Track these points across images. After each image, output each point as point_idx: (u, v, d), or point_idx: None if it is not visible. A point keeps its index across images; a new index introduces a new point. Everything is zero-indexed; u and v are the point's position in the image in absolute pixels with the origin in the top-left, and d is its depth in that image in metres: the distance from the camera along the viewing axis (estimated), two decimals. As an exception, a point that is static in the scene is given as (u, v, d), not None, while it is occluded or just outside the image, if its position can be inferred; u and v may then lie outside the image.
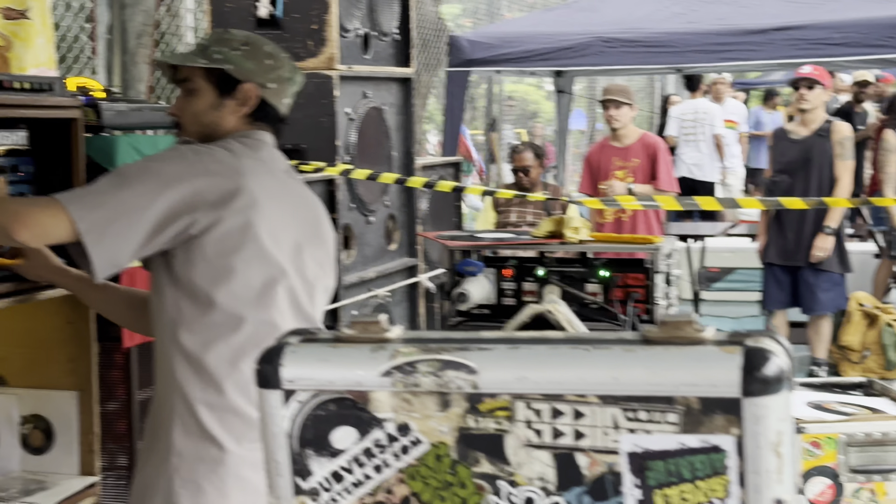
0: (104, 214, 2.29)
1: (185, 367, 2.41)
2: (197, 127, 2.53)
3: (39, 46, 3.89)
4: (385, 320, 1.11)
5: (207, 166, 2.38)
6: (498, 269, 3.60)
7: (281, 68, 2.57)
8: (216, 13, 4.76)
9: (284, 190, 2.52)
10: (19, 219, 2.26)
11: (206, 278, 2.38)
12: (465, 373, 1.05)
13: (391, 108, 5.27)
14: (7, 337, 2.81)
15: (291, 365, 1.07)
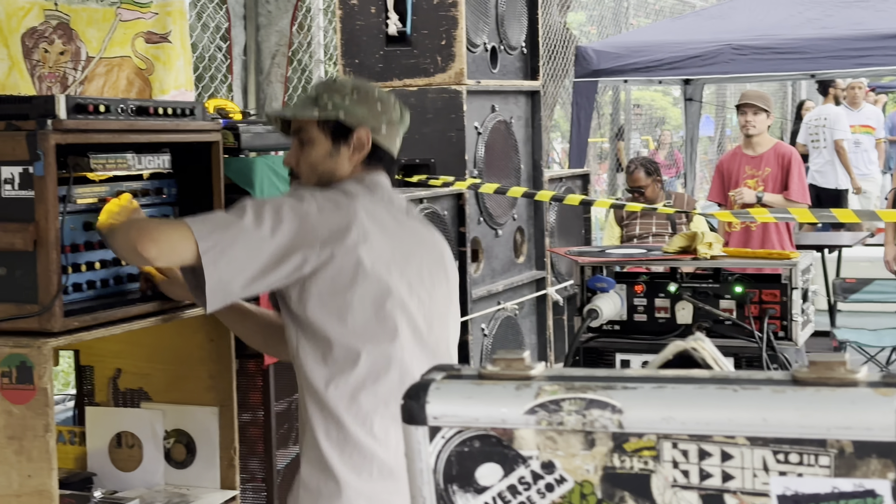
0: (223, 238, 2.35)
1: (311, 400, 2.47)
2: (314, 177, 2.58)
3: (179, 69, 4.02)
4: (528, 357, 1.12)
5: (321, 205, 2.43)
6: (629, 285, 3.57)
7: (391, 111, 2.62)
8: (347, 31, 4.84)
9: (401, 227, 2.55)
10: (149, 235, 2.34)
11: (323, 316, 2.43)
12: (610, 412, 1.04)
13: (519, 121, 5.28)
14: (151, 354, 2.90)
15: (436, 401, 1.08)
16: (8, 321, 2.31)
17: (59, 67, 3.67)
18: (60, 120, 2.32)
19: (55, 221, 2.31)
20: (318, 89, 2.62)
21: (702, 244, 3.48)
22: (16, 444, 2.27)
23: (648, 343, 3.53)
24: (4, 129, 2.32)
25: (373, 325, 2.46)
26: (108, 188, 2.57)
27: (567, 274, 5.89)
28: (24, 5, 3.53)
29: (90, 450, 2.93)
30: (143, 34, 3.99)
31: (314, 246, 2.39)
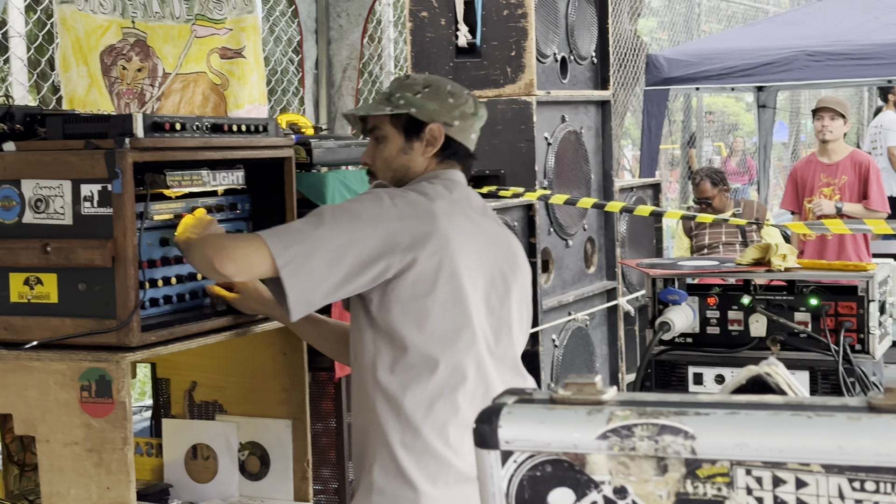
0: (301, 251, 2.37)
1: (385, 407, 2.47)
2: (389, 173, 2.60)
3: (253, 83, 4.08)
4: (599, 381, 1.12)
5: (402, 210, 2.44)
6: (701, 298, 3.54)
7: (464, 105, 2.61)
8: (417, 43, 4.86)
9: (478, 229, 2.55)
10: (226, 252, 2.37)
11: (402, 321, 2.44)
12: (683, 437, 1.04)
13: (589, 132, 5.26)
14: (226, 367, 2.94)
15: (508, 426, 1.09)
16: (87, 336, 2.36)
17: (137, 84, 3.74)
18: (138, 138, 2.37)
19: (133, 238, 2.35)
20: (391, 86, 2.65)
21: (776, 256, 3.44)
22: (95, 457, 2.32)
23: (721, 356, 3.50)
24: (84, 147, 2.38)
25: (451, 332, 2.47)
26: (184, 204, 2.61)
27: (638, 284, 5.85)
28: (103, 24, 3.61)
29: (167, 461, 2.98)
30: (217, 50, 4.05)
31: (396, 252, 2.41)
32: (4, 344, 2.41)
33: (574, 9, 5.08)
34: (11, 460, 2.86)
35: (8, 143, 2.46)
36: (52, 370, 2.35)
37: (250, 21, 4.10)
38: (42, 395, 2.36)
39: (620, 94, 8.97)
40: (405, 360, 2.46)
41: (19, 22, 4.06)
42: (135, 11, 3.71)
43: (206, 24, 3.98)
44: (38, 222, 2.40)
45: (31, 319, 2.41)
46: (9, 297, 2.43)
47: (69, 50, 3.52)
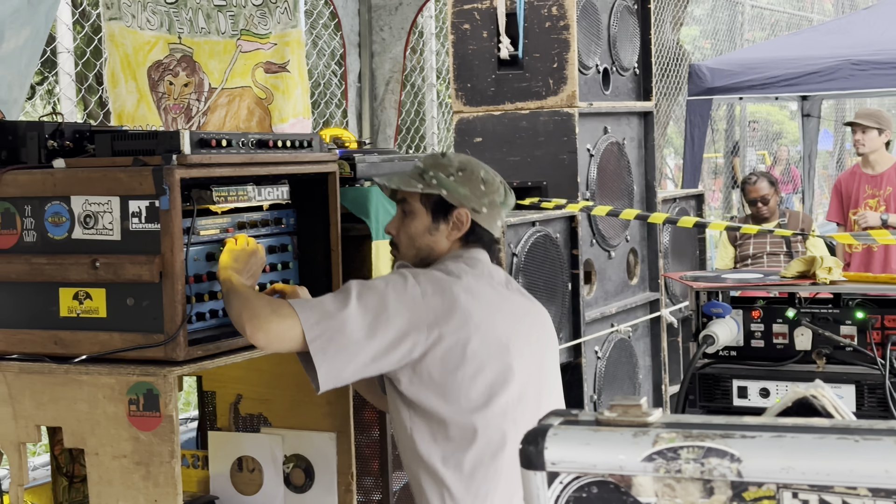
0: (330, 326, 2.39)
1: (429, 481, 2.50)
2: (412, 250, 2.63)
3: (297, 97, 4.11)
4: (645, 403, 1.12)
5: (424, 288, 2.47)
6: (745, 311, 3.52)
7: (495, 193, 2.64)
8: (459, 55, 4.88)
9: (504, 301, 2.58)
10: (258, 323, 2.39)
11: (434, 397, 2.46)
12: (729, 460, 1.04)
13: (631, 143, 5.25)
14: (271, 380, 2.96)
15: (554, 447, 1.10)
16: (135, 350, 2.39)
17: (184, 99, 3.79)
18: (185, 155, 2.40)
19: (180, 253, 2.38)
20: (425, 163, 2.67)
21: (821, 269, 3.41)
22: (143, 470, 2.35)
23: (766, 369, 3.48)
24: (132, 164, 2.41)
25: (484, 401, 2.48)
26: (230, 219, 2.64)
27: (682, 295, 5.83)
28: (150, 39, 3.66)
29: (212, 473, 3.01)
30: (262, 64, 4.09)
31: (422, 330, 2.43)
32: (54, 358, 2.45)
33: (616, 20, 5.08)
34: (60, 472, 2.90)
35: (58, 159, 2.51)
36: (100, 384, 2.39)
37: (294, 35, 4.13)
38: (91, 409, 2.39)
39: (663, 103, 8.94)
40: (445, 433, 2.48)
41: (67, 37, 4.12)
42: (181, 27, 3.76)
43: (251, 38, 4.02)
44: (88, 238, 2.44)
45: (81, 334, 2.44)
46: (58, 312, 2.47)
47: (118, 66, 3.57)
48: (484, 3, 4.83)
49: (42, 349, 2.47)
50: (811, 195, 9.94)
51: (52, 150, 2.56)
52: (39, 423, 2.47)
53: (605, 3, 5.02)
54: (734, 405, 3.49)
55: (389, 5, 4.78)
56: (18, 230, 2.49)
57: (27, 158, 2.56)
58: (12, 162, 2.57)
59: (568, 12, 4.71)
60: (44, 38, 3.16)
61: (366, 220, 3.12)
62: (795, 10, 16.01)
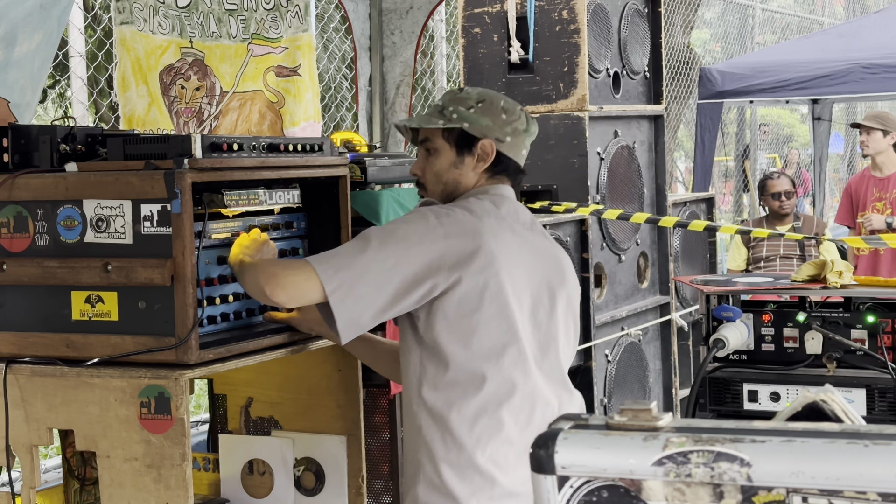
0: (349, 275, 2.40)
1: (430, 424, 2.49)
2: (440, 186, 2.63)
3: (308, 101, 4.12)
4: (655, 407, 1.12)
5: (448, 229, 2.46)
6: (756, 314, 3.52)
7: (517, 121, 2.63)
8: (470, 59, 4.89)
9: (525, 244, 2.57)
10: (277, 281, 2.40)
11: (448, 338, 2.46)
12: (739, 465, 1.05)
13: (642, 146, 5.25)
14: (282, 383, 2.97)
15: (564, 451, 1.10)
16: (147, 353, 2.40)
17: (195, 102, 3.80)
18: (196, 159, 2.41)
19: (191, 257, 2.39)
20: (444, 100, 2.67)
21: (831, 273, 3.41)
22: (154, 473, 2.36)
23: (776, 373, 3.48)
24: (144, 168, 2.42)
25: (496, 348, 2.48)
26: (241, 223, 2.65)
27: (692, 299, 5.82)
28: (162, 43, 3.67)
29: (223, 476, 3.01)
30: (273, 68, 4.10)
31: (442, 271, 2.43)
32: (66, 361, 2.46)
33: (627, 23, 5.08)
34: (72, 475, 2.91)
35: (70, 163, 2.52)
36: (112, 387, 2.39)
37: (305, 39, 4.14)
38: (103, 412, 2.40)
39: (673, 106, 8.93)
40: (451, 377, 2.48)
41: (79, 41, 4.14)
42: (192, 31, 3.77)
43: (263, 42, 4.04)
44: (100, 241, 2.45)
45: (92, 337, 2.45)
46: (70, 315, 2.48)
47: (128, 70, 3.59)
48: (494, 7, 4.84)
49: (54, 352, 2.48)
50: (822, 199, 9.92)
51: (65, 153, 2.57)
52: (51, 426, 2.48)
53: (616, 6, 5.02)
54: (744, 409, 3.49)
55: (400, 9, 4.79)
56: (31, 234, 2.51)
57: (40, 162, 2.58)
58: (25, 165, 2.58)
59: (578, 16, 4.71)
60: (56, 42, 3.18)
61: (376, 224, 3.13)
62: (806, 13, 15.98)
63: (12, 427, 2.47)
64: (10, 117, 3.07)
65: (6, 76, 3.04)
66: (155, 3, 3.61)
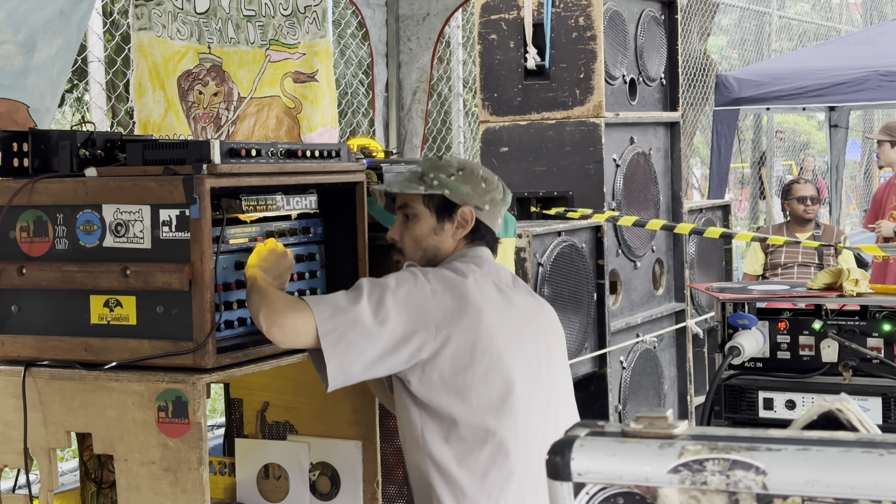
0: (342, 321, 2.41)
1: (439, 480, 2.50)
2: (419, 252, 2.65)
3: (325, 107, 4.14)
4: (671, 415, 1.13)
5: (434, 286, 2.49)
6: (772, 322, 3.52)
7: (494, 190, 2.68)
8: (486, 65, 4.90)
9: (511, 302, 2.59)
10: (274, 318, 2.41)
11: (445, 397, 2.48)
12: (754, 473, 1.05)
13: (658, 153, 5.25)
14: (298, 388, 2.98)
15: (580, 458, 1.11)
16: (164, 357, 2.42)
17: (213, 108, 3.82)
18: (215, 164, 2.42)
19: (210, 262, 2.41)
20: (423, 166, 2.70)
21: (848, 281, 3.41)
22: (171, 476, 2.37)
23: (792, 381, 3.47)
24: (162, 173, 2.44)
25: (495, 401, 2.50)
26: (258, 228, 2.66)
27: (707, 306, 5.82)
28: (180, 49, 3.69)
29: (239, 480, 3.03)
30: (291, 74, 4.12)
31: (430, 329, 2.45)
32: (84, 364, 2.48)
33: (643, 30, 5.09)
34: (89, 478, 2.93)
35: (90, 168, 2.54)
36: (130, 391, 2.41)
37: (323, 45, 4.16)
38: (120, 415, 2.42)
39: (689, 113, 8.92)
40: (456, 433, 2.49)
41: (98, 47, 4.17)
42: (211, 37, 3.79)
43: (280, 48, 4.06)
44: (118, 246, 2.46)
45: (111, 341, 2.47)
46: (89, 319, 2.49)
47: (145, 75, 3.61)
48: (511, 14, 4.85)
49: (73, 356, 2.50)
50: (838, 206, 9.89)
51: (84, 158, 2.59)
52: (69, 429, 2.49)
53: (632, 13, 5.03)
54: (760, 417, 3.49)
55: (417, 15, 4.80)
56: (50, 238, 2.53)
57: (59, 167, 2.59)
58: (45, 170, 2.60)
59: (595, 23, 4.72)
60: (76, 47, 3.20)
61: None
62: (823, 20, 15.95)
63: (31, 430, 2.49)
64: (30, 122, 3.10)
65: (26, 81, 3.06)
66: (174, 9, 3.63)
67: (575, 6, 4.75)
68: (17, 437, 2.51)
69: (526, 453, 2.51)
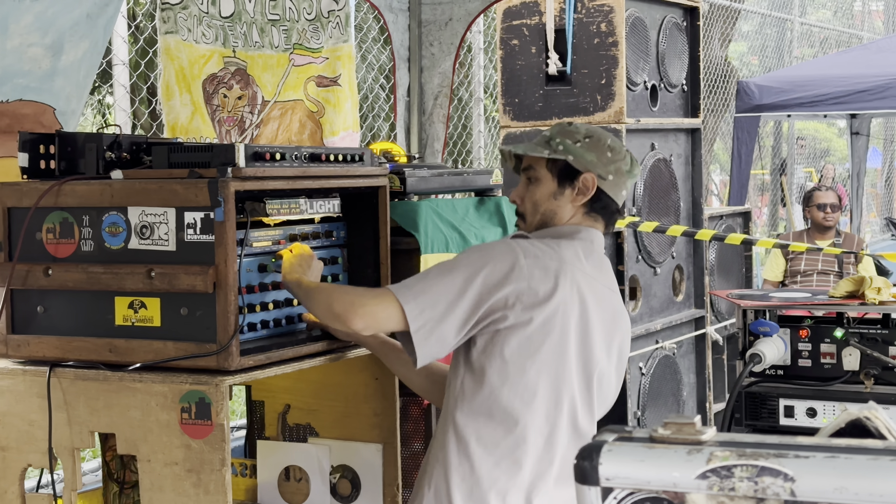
0: (434, 315, 2.42)
1: (454, 446, 2.50)
2: (537, 216, 2.63)
3: (347, 111, 4.15)
4: (699, 421, 1.13)
5: (531, 271, 2.46)
6: (793, 330, 3.51)
7: (621, 161, 2.62)
8: (507, 71, 4.91)
9: (600, 304, 2.55)
10: (355, 309, 2.42)
11: (498, 373, 2.47)
12: (783, 480, 1.05)
13: (678, 159, 5.25)
14: (319, 391, 2.99)
15: (609, 463, 1.11)
16: (188, 359, 2.43)
17: (237, 111, 3.84)
18: (240, 168, 2.43)
19: (234, 264, 2.42)
20: (552, 131, 2.67)
21: (870, 289, 3.40)
22: (194, 477, 2.39)
23: (813, 389, 3.47)
24: (188, 176, 2.45)
25: (539, 397, 2.49)
26: (281, 232, 2.68)
27: (727, 313, 5.81)
28: (205, 53, 3.71)
29: (260, 482, 3.04)
30: (314, 78, 4.13)
31: (517, 307, 2.44)
32: (109, 365, 2.49)
33: (665, 37, 5.09)
34: (111, 478, 2.95)
35: (116, 171, 2.55)
36: (153, 392, 2.42)
37: (345, 50, 4.18)
38: (144, 416, 2.43)
39: (709, 119, 8.91)
40: (487, 409, 2.49)
41: (123, 50, 4.20)
42: (235, 41, 3.81)
43: (304, 52, 4.07)
44: (143, 248, 2.48)
45: (135, 342, 2.49)
46: (114, 321, 2.51)
47: (172, 79, 3.63)
48: (533, 19, 4.86)
49: (97, 356, 2.52)
50: (859, 214, 9.86)
51: (110, 161, 2.61)
52: (93, 429, 2.51)
53: (654, 19, 5.03)
54: (780, 424, 3.48)
55: (439, 20, 4.82)
56: (76, 239, 2.54)
57: (86, 169, 2.61)
58: (71, 172, 2.62)
59: (617, 29, 4.72)
60: (102, 50, 3.22)
61: (415, 234, 3.15)
62: (845, 27, 15.89)
63: (55, 430, 2.51)
64: (56, 124, 3.12)
65: (52, 84, 3.08)
66: (199, 13, 3.65)
67: (597, 12, 4.75)
68: (42, 436, 2.52)
69: (540, 455, 2.50)
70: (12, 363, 2.61)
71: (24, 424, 2.56)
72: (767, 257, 7.02)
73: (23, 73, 2.99)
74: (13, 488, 2.59)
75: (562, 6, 4.72)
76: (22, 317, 2.62)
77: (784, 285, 6.61)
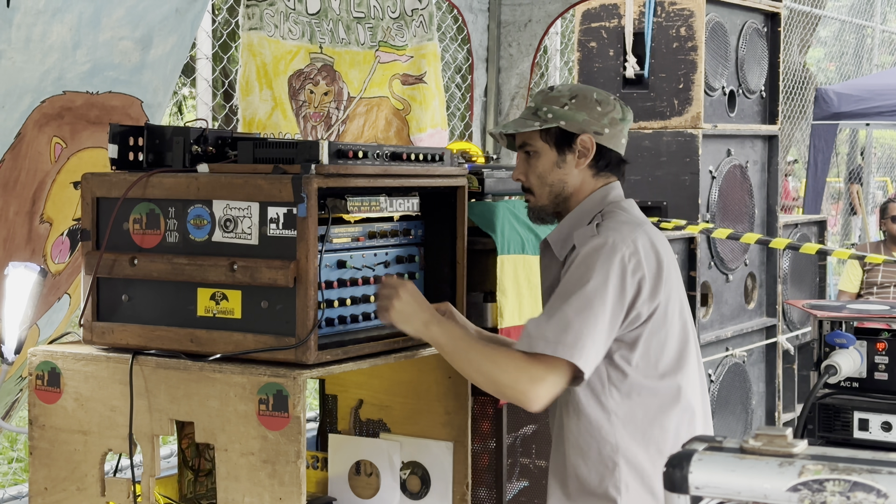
0: (595, 351, 2.44)
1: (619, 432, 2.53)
2: (545, 189, 2.64)
3: (435, 108, 4.17)
4: (790, 434, 1.13)
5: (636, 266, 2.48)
6: (870, 342, 3.46)
7: (612, 111, 2.62)
8: (584, 72, 4.90)
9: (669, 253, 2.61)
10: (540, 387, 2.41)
11: (638, 356, 2.52)
12: (875, 496, 1.05)
13: (755, 166, 5.20)
14: (392, 388, 3.02)
15: (699, 472, 1.12)
16: (267, 352, 2.47)
17: (324, 107, 3.87)
18: (323, 165, 2.47)
19: (314, 260, 2.45)
20: (536, 100, 2.67)
21: (951, 303, 3.34)
22: (269, 468, 2.42)
23: (889, 402, 3.41)
24: (272, 171, 2.49)
25: (679, 360, 2.55)
26: (361, 229, 2.70)
27: (799, 322, 5.74)
28: (292, 49, 3.75)
29: (331, 475, 3.07)
30: (399, 76, 4.16)
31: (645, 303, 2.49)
32: (190, 355, 2.54)
33: (745, 42, 5.05)
34: (187, 465, 3.00)
35: (202, 164, 2.60)
36: (232, 382, 2.46)
37: (430, 48, 4.20)
38: (222, 406, 2.47)
39: (786, 126, 8.81)
40: (627, 389, 2.52)
41: (206, 45, 4.26)
42: (322, 37, 3.85)
43: (389, 50, 4.10)
44: (227, 241, 2.52)
45: (216, 333, 2.53)
46: (196, 311, 2.56)
47: (252, 74, 3.67)
48: (612, 22, 4.85)
49: (179, 346, 2.56)
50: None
51: (196, 154, 2.65)
52: (172, 417, 2.56)
53: (735, 24, 4.99)
54: (854, 437, 3.43)
55: (518, 22, 4.82)
56: (162, 231, 2.59)
57: (172, 162, 2.66)
58: (158, 165, 2.67)
59: (696, 33, 4.70)
60: (189, 45, 3.28)
61: (492, 235, 3.16)
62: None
63: (136, 416, 2.56)
64: (143, 117, 3.18)
65: (141, 77, 3.14)
66: (286, 9, 3.70)
67: (677, 16, 4.72)
68: (123, 422, 2.58)
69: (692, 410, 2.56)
70: (96, 350, 2.67)
71: (107, 410, 2.61)
72: (843, 268, 6.92)
73: (113, 66, 3.05)
74: (93, 472, 2.64)
75: (641, 9, 4.71)
76: (107, 305, 2.67)
77: (860, 297, 6.52)
